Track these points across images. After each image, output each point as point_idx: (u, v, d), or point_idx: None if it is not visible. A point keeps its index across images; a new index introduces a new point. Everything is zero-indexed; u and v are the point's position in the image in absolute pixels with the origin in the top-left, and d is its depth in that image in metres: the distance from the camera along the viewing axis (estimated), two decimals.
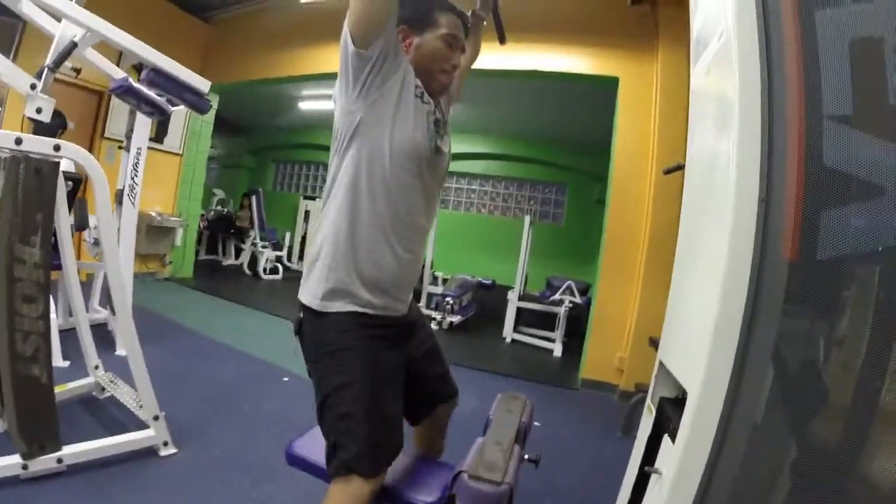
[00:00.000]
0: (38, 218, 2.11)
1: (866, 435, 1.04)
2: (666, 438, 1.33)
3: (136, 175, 4.05)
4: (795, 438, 1.16)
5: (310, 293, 1.54)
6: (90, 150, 6.27)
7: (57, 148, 2.15)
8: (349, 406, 1.46)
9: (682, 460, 1.17)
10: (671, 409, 1.38)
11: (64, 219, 2.49)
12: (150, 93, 2.80)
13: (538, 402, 4.15)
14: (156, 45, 2.68)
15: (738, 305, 1.12)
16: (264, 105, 10.26)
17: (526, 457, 1.56)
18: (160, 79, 2.73)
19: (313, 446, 1.79)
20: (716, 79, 1.41)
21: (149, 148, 4.20)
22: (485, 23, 2.03)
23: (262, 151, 13.55)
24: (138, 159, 4.06)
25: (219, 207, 10.78)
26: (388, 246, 1.54)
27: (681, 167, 1.98)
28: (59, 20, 2.51)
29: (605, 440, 3.76)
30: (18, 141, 2.08)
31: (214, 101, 7.63)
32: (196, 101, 2.92)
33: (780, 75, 1.16)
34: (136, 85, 2.74)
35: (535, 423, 3.71)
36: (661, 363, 1.55)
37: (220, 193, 11.09)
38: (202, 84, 2.91)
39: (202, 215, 9.37)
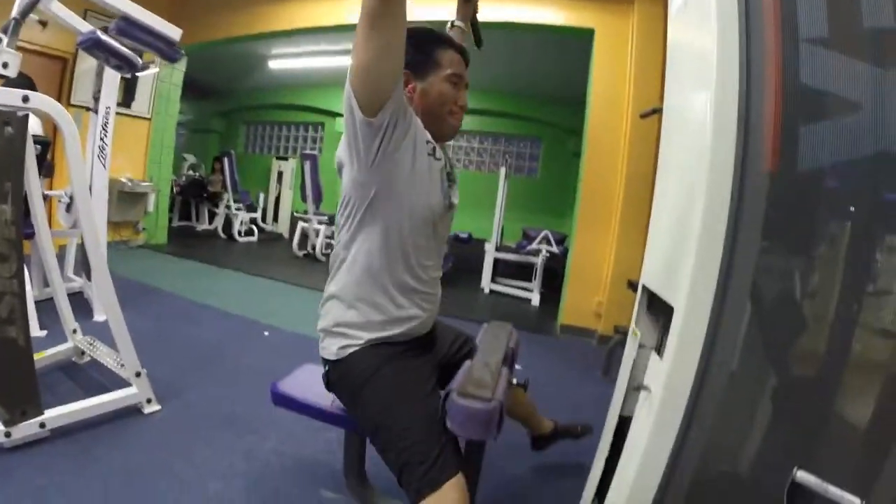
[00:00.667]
0: (9, 173, 2.05)
1: (849, 347, 1.07)
2: (653, 357, 1.36)
3: (105, 135, 3.96)
4: (781, 349, 1.19)
5: (334, 346, 1.53)
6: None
7: (25, 99, 2.07)
8: (405, 426, 1.39)
9: (670, 375, 1.19)
10: (657, 328, 1.40)
11: (34, 182, 2.44)
12: (119, 45, 2.71)
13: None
14: None
15: (720, 219, 1.14)
16: (233, 66, 10.04)
17: (514, 381, 1.58)
18: (130, 28, 2.66)
19: (298, 384, 1.81)
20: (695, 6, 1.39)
21: (117, 113, 4.09)
22: (465, 34, 1.99)
23: (232, 114, 13.32)
24: (107, 118, 3.97)
25: (190, 172, 10.60)
26: (414, 303, 1.55)
27: (657, 111, 1.99)
28: None
29: (586, 382, 3.84)
30: None
31: (182, 64, 7.50)
32: (167, 50, 2.85)
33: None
34: (104, 37, 2.65)
35: (517, 367, 3.77)
36: (643, 287, 1.57)
37: (191, 158, 10.90)
38: (173, 32, 2.84)
39: (174, 181, 9.23)
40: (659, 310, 1.41)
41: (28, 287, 3.52)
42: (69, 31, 2.84)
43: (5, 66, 2.15)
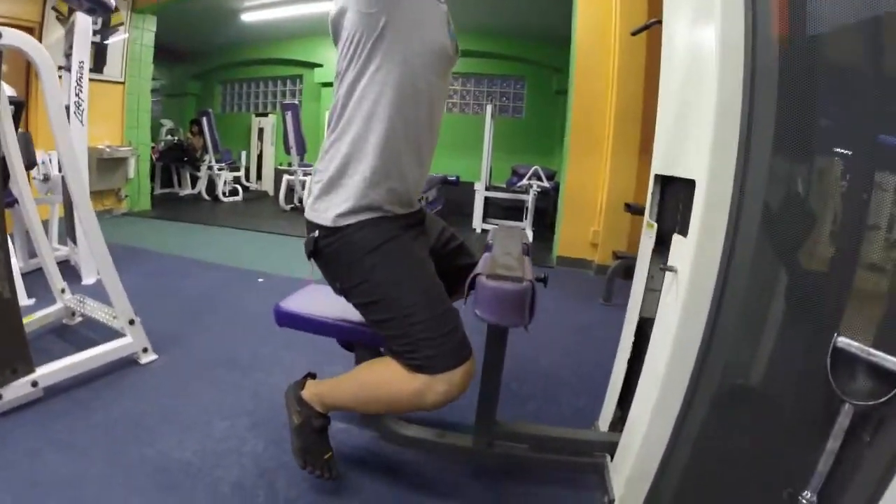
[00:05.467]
0: None
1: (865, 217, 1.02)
2: (676, 239, 1.30)
3: (80, 91, 3.81)
4: (811, 214, 1.13)
5: (331, 212, 1.46)
6: (26, 87, 5.98)
7: None
8: (413, 303, 1.41)
9: (697, 250, 1.15)
10: (678, 209, 1.36)
11: (13, 145, 2.32)
12: None
13: None
14: None
15: (735, 87, 1.10)
16: (204, 24, 9.69)
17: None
18: None
19: (302, 301, 1.77)
20: None
21: (90, 79, 3.94)
22: None
23: (206, 75, 13.00)
24: (81, 73, 3.82)
25: (169, 137, 10.35)
26: (417, 156, 1.53)
27: (648, 26, 1.92)
28: None
29: (589, 308, 3.83)
30: None
31: (151, 23, 7.29)
32: None
33: None
34: None
35: None
36: (656, 177, 1.52)
37: (168, 123, 10.67)
38: None
39: (153, 147, 9.04)
40: (677, 192, 1.37)
41: (13, 261, 3.45)
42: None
43: None
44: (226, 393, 2.31)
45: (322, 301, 1.65)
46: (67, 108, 3.74)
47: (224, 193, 9.25)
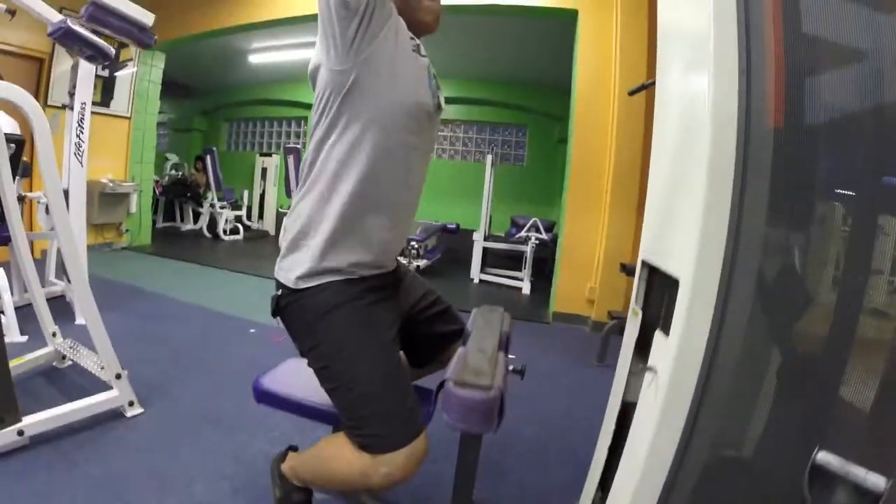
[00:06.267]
0: None
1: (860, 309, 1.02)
2: (658, 336, 1.28)
3: (81, 132, 3.85)
4: (798, 321, 1.13)
5: (293, 273, 1.44)
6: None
7: None
8: (355, 375, 1.38)
9: (678, 352, 1.12)
10: (662, 304, 1.33)
11: (8, 184, 2.34)
12: (91, 34, 2.65)
13: (511, 337, 4.12)
14: None
15: (726, 184, 1.07)
16: (213, 63, 9.90)
17: (510, 367, 1.51)
18: (101, 13, 2.61)
19: (281, 379, 1.74)
20: None
21: (96, 113, 4.03)
22: None
23: (213, 112, 13.21)
24: (83, 114, 3.85)
25: (173, 172, 10.49)
26: (388, 218, 1.48)
27: (646, 86, 1.93)
28: None
29: (582, 369, 3.80)
30: None
31: (160, 60, 7.43)
32: (140, 36, 2.81)
33: None
34: (75, 26, 2.58)
35: (510, 356, 3.70)
36: (643, 263, 1.50)
37: (173, 158, 10.81)
38: (146, 17, 2.79)
39: (157, 181, 9.12)
40: (662, 285, 1.34)
41: (7, 294, 3.46)
42: (45, 29, 2.75)
43: None
44: (208, 454, 2.29)
45: (302, 378, 1.62)
46: (75, 151, 3.81)
47: (225, 231, 9.31)
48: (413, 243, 6.81)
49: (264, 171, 10.55)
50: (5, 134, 2.12)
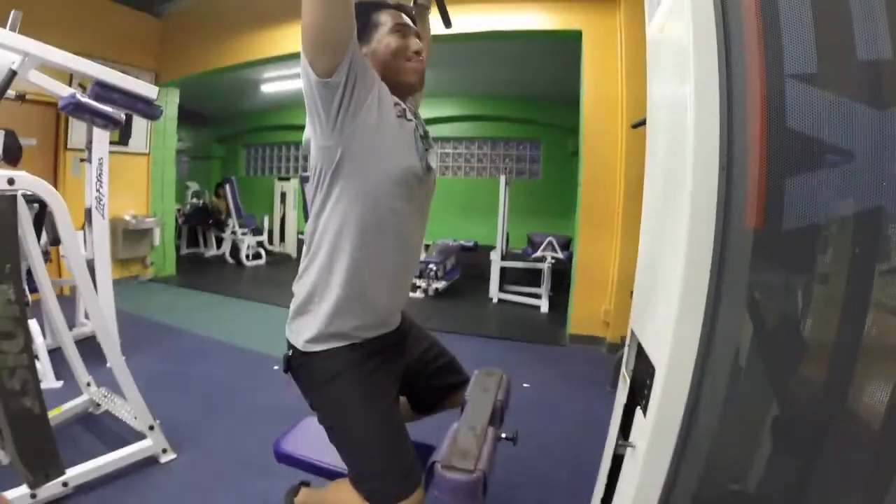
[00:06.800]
0: (6, 254, 2.10)
1: (838, 406, 1.06)
2: (638, 412, 1.34)
3: (101, 186, 4.04)
4: (764, 411, 1.18)
5: (302, 336, 1.53)
6: (55, 163, 6.23)
7: (11, 182, 2.11)
8: (357, 437, 1.51)
9: (653, 434, 1.18)
10: (644, 381, 1.35)
11: (33, 245, 2.48)
12: (100, 105, 2.77)
13: (527, 362, 4.22)
14: (109, 48, 2.71)
15: (702, 279, 1.08)
16: (227, 93, 10.10)
17: (503, 436, 1.60)
18: (106, 91, 2.74)
19: (300, 441, 1.86)
20: (671, 35, 1.35)
21: (115, 152, 4.19)
22: (429, 12, 1.93)
23: (230, 139, 13.38)
24: (101, 170, 4.04)
25: (194, 200, 10.71)
26: (390, 282, 1.55)
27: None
28: None
29: (595, 396, 3.77)
30: None
31: (175, 95, 7.59)
32: (146, 109, 2.93)
33: (738, 32, 1.10)
34: (84, 100, 2.71)
35: (525, 385, 3.78)
36: (632, 332, 1.57)
37: (194, 185, 10.98)
38: (150, 91, 2.91)
39: (178, 210, 9.32)
40: (645, 361, 1.37)
41: (40, 339, 3.61)
42: (63, 73, 2.87)
43: None
44: (240, 497, 2.43)
45: (318, 439, 1.70)
46: (88, 210, 4.01)
47: (248, 257, 9.48)
48: (431, 265, 6.90)
49: (283, 195, 10.67)
50: (27, 195, 2.23)
